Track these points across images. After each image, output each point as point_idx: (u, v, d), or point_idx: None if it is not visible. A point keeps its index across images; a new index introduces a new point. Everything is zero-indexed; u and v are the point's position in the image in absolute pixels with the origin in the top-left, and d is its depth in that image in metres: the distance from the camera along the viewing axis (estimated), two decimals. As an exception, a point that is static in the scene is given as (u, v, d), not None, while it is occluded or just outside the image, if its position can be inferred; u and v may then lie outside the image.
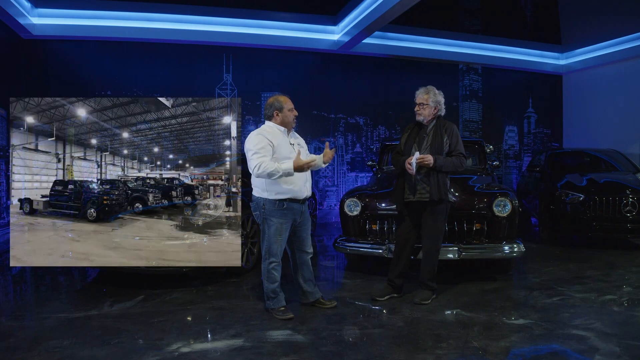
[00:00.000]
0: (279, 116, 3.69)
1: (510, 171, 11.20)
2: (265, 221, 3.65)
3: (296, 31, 9.09)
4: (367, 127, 9.94)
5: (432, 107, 3.99)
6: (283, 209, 3.62)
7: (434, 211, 3.94)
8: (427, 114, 4.00)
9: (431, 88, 4.02)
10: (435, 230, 3.97)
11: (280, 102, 3.70)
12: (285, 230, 3.67)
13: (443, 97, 4.05)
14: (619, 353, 2.98)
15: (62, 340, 3.22)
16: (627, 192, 6.14)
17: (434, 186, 3.87)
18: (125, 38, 8.42)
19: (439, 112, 4.04)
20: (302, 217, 3.77)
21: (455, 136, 3.99)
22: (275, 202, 3.61)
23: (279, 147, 3.59)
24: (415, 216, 4.05)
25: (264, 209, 3.64)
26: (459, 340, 3.21)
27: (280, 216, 3.62)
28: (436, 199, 3.88)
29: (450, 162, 3.92)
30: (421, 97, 4.00)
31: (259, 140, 3.55)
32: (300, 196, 3.68)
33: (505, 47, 10.74)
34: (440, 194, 3.88)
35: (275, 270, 3.68)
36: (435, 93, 4.01)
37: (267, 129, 3.68)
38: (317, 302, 3.93)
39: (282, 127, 3.70)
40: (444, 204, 3.96)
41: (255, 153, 3.51)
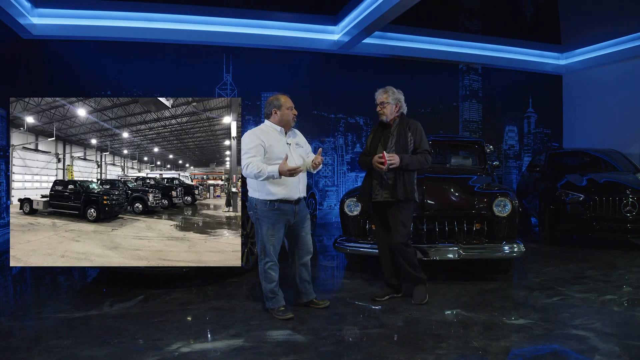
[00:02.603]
0: (277, 114, 3.69)
1: (510, 171, 11.20)
2: (258, 221, 3.66)
3: (296, 31, 9.08)
4: (367, 127, 9.93)
5: (394, 105, 4.02)
6: (274, 209, 3.61)
7: (400, 209, 3.93)
8: (389, 112, 4.02)
9: (390, 87, 4.07)
10: (402, 230, 3.93)
11: (279, 100, 3.71)
12: (278, 230, 3.65)
13: (402, 95, 4.09)
14: (619, 353, 2.97)
15: (62, 340, 3.22)
16: (627, 192, 6.14)
17: (400, 185, 3.87)
18: (125, 38, 8.42)
19: (401, 110, 4.07)
20: (297, 218, 3.75)
21: (419, 133, 4.00)
22: (267, 202, 3.60)
23: (272, 147, 3.58)
24: (384, 215, 4.05)
25: (256, 209, 3.64)
26: (459, 340, 3.21)
27: (271, 216, 3.62)
28: (402, 198, 3.88)
29: (416, 160, 3.92)
30: (381, 96, 4.04)
31: (251, 140, 3.57)
32: (292, 197, 3.66)
33: (505, 47, 10.73)
34: (407, 192, 3.88)
35: (272, 270, 3.67)
36: (394, 91, 4.05)
37: (262, 128, 3.70)
38: (310, 302, 3.93)
39: (279, 126, 3.70)
40: (410, 203, 3.95)
41: (246, 153, 3.53)
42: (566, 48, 11.21)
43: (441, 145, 6.73)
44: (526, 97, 11.30)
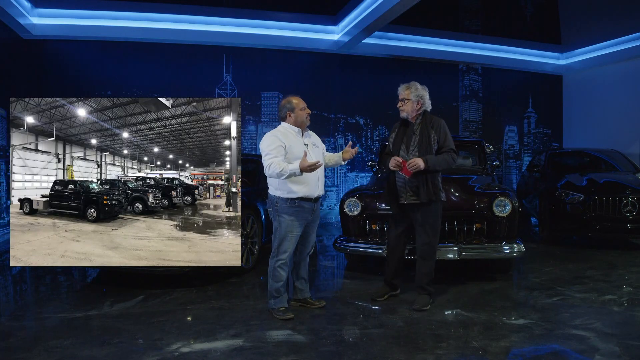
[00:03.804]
0: (291, 117, 3.75)
1: (510, 171, 11.20)
2: (278, 218, 3.73)
3: (296, 31, 9.08)
4: (367, 127, 9.94)
5: (415, 102, 3.88)
6: (295, 206, 3.68)
7: (426, 212, 3.85)
8: (409, 109, 3.90)
9: (413, 83, 3.93)
10: (429, 232, 3.86)
11: (292, 102, 3.75)
12: (297, 227, 3.72)
13: (427, 92, 3.94)
14: (619, 353, 2.97)
15: (62, 340, 3.22)
16: (627, 192, 6.13)
17: (424, 188, 3.78)
18: (125, 38, 8.42)
19: (423, 108, 3.93)
20: (314, 215, 3.86)
21: (443, 131, 3.87)
22: (288, 200, 3.68)
23: (292, 148, 3.65)
24: (407, 217, 3.99)
25: (277, 206, 3.71)
26: (459, 340, 3.21)
27: (292, 214, 3.69)
28: (426, 200, 3.79)
29: (443, 159, 3.82)
30: (403, 92, 3.92)
31: (272, 142, 3.63)
32: (312, 195, 3.75)
33: (505, 47, 10.73)
34: (430, 195, 3.78)
35: (281, 268, 3.71)
36: (418, 87, 3.90)
37: (281, 130, 3.75)
38: (305, 301, 3.94)
39: (296, 127, 3.76)
40: (435, 204, 3.86)
41: (267, 154, 3.59)
42: (566, 48, 11.21)
43: None
44: (526, 97, 11.30)
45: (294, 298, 3.97)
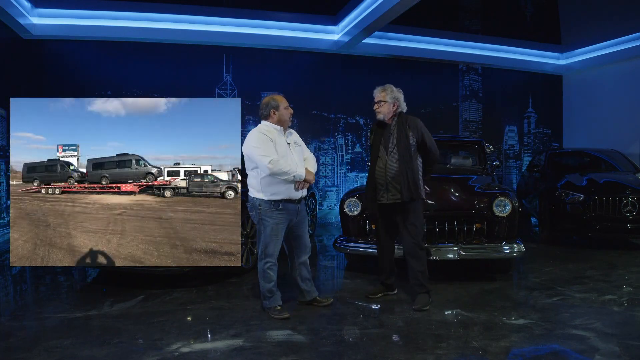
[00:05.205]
0: (275, 115, 3.72)
1: (510, 171, 11.20)
2: (261, 221, 3.67)
3: (296, 31, 9.09)
4: (367, 127, 9.93)
5: (391, 104, 3.95)
6: (279, 209, 3.64)
7: (408, 211, 3.87)
8: (385, 111, 3.96)
9: (389, 85, 4.01)
10: (412, 232, 3.88)
11: (276, 100, 3.73)
12: (281, 230, 3.69)
13: (402, 94, 4.02)
14: (619, 353, 2.97)
15: (62, 340, 3.22)
16: (627, 192, 6.14)
17: (405, 186, 3.80)
18: (125, 38, 8.43)
19: (399, 109, 3.99)
20: (299, 217, 3.78)
21: (419, 130, 3.92)
22: (271, 202, 3.63)
23: (277, 147, 3.62)
24: (391, 217, 4.01)
25: (259, 210, 3.65)
26: (459, 340, 3.21)
27: (276, 216, 3.64)
28: (407, 199, 3.82)
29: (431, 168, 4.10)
30: (379, 95, 3.98)
31: (264, 140, 3.60)
32: (296, 196, 3.71)
33: (505, 47, 10.74)
34: (411, 193, 3.81)
35: (271, 270, 3.69)
36: (393, 89, 3.98)
37: (263, 129, 3.71)
38: (314, 300, 3.95)
39: (279, 125, 3.73)
40: (417, 202, 3.89)
41: (263, 151, 3.54)
42: (566, 48, 11.21)
43: (441, 145, 6.70)
44: (526, 97, 11.30)
45: (302, 300, 3.96)
